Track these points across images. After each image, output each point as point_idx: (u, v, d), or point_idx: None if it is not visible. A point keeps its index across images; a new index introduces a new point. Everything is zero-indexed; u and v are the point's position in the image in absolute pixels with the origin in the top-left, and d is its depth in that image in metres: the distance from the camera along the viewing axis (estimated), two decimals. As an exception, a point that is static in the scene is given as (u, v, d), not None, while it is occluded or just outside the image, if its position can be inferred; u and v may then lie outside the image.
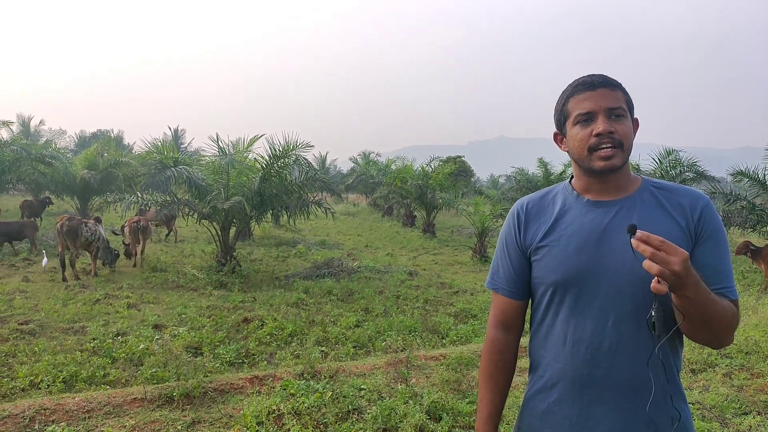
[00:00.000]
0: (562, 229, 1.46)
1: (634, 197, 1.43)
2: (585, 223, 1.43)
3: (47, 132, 41.90)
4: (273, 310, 7.77)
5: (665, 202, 1.41)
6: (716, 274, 1.36)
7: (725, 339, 1.37)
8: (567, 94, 1.45)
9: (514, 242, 1.55)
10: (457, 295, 9.72)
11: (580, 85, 1.42)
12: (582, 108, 1.40)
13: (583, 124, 1.41)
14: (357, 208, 31.96)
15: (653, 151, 14.09)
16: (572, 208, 1.48)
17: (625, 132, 1.38)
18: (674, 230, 1.37)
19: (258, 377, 4.50)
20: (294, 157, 11.40)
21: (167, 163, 11.13)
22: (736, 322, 1.36)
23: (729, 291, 1.36)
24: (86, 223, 10.13)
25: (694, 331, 1.34)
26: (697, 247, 1.38)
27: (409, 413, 3.59)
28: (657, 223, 1.38)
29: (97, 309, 7.54)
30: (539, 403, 1.50)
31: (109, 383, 4.85)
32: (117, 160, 18.36)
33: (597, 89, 1.39)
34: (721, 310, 1.29)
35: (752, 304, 7.64)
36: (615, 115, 1.38)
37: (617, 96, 1.39)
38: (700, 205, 1.39)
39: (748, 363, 4.92)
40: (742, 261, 14.51)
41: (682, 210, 1.39)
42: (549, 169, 18.02)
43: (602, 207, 1.44)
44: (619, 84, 1.42)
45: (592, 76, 1.42)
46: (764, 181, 12.10)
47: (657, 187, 1.45)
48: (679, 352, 1.44)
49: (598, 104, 1.38)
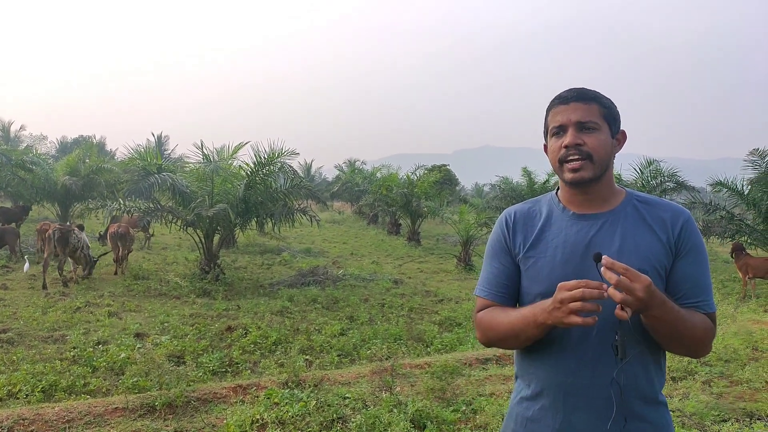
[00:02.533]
0: (548, 240, 1.49)
1: (618, 211, 1.46)
2: (570, 236, 1.46)
3: (28, 137, 41.32)
4: (257, 319, 7.71)
5: (647, 216, 1.44)
6: (695, 287, 1.40)
7: (700, 351, 1.42)
8: (548, 107, 1.51)
9: (504, 247, 1.56)
10: (442, 303, 9.74)
11: (556, 99, 1.48)
12: (555, 121, 1.45)
13: (556, 137, 1.46)
14: (342, 215, 31.89)
15: (635, 161, 14.31)
16: (558, 220, 1.50)
17: (594, 144, 1.41)
18: (655, 244, 1.40)
19: (241, 386, 4.46)
20: (279, 165, 11.38)
21: (150, 170, 11.02)
22: (711, 335, 1.40)
23: (706, 305, 1.40)
24: (75, 230, 10.13)
25: (668, 346, 1.40)
26: (677, 260, 1.41)
27: (393, 422, 3.59)
28: (639, 237, 1.41)
29: (78, 317, 7.42)
30: (524, 410, 1.51)
31: (90, 393, 4.77)
32: (99, 166, 18.12)
33: (569, 103, 1.44)
34: (691, 326, 1.33)
35: (731, 312, 7.78)
36: (585, 128, 1.41)
37: (591, 109, 1.42)
38: (681, 220, 1.43)
39: (727, 371, 5.00)
40: (722, 271, 14.77)
41: (663, 224, 1.43)
42: (533, 178, 18.20)
43: (587, 220, 1.46)
44: (597, 97, 1.45)
45: (570, 90, 1.47)
46: (743, 192, 12.35)
47: (640, 201, 1.48)
48: (662, 365, 1.46)
49: (568, 118, 1.42)
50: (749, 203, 12.21)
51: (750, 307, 9.00)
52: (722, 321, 7.16)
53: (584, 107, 1.42)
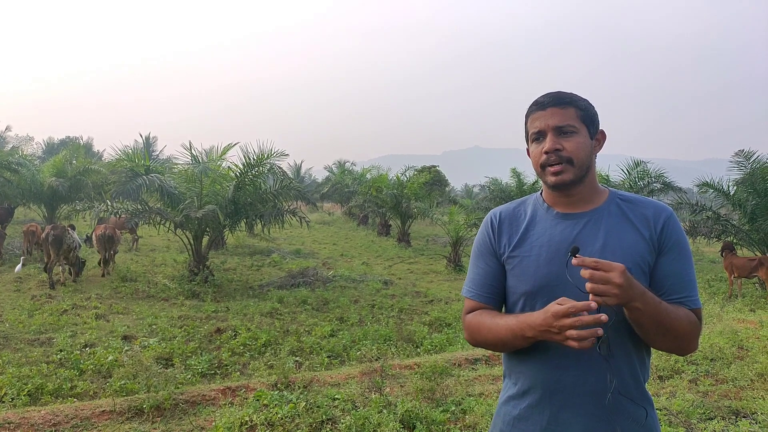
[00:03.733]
0: (533, 240, 1.50)
1: (601, 210, 1.48)
2: (555, 235, 1.47)
3: (14, 138, 40.85)
4: (246, 320, 7.68)
5: (630, 214, 1.46)
6: (679, 283, 1.41)
7: (687, 347, 1.42)
8: (527, 112, 1.53)
9: (490, 248, 1.58)
10: (431, 304, 9.76)
11: (533, 105, 1.50)
12: (534, 127, 1.48)
13: (536, 143, 1.49)
14: (332, 217, 31.85)
15: (622, 163, 14.42)
16: (542, 219, 1.52)
17: (573, 148, 1.43)
18: (639, 241, 1.42)
19: (230, 388, 4.45)
20: (269, 166, 11.35)
21: (138, 171, 10.95)
22: (697, 330, 1.41)
23: (691, 300, 1.41)
24: (68, 230, 10.07)
25: (653, 340, 1.40)
26: (660, 257, 1.43)
27: (383, 422, 3.59)
28: (623, 234, 1.43)
29: (65, 320, 7.35)
30: (512, 409, 1.52)
31: (77, 396, 4.73)
32: (86, 167, 17.95)
33: (546, 108, 1.46)
34: (675, 319, 1.34)
35: (717, 312, 7.85)
36: (563, 132, 1.44)
37: (568, 113, 1.44)
38: (663, 217, 1.45)
39: (713, 369, 5.05)
40: (708, 270, 14.93)
41: (646, 221, 1.45)
42: (522, 179, 18.27)
43: (571, 219, 1.48)
44: (573, 100, 1.47)
45: (546, 95, 1.49)
46: (728, 192, 12.48)
47: (623, 200, 1.50)
48: (646, 361, 1.48)
49: (546, 123, 1.45)
50: (735, 204, 12.34)
51: (736, 307, 9.10)
52: (708, 320, 7.23)
53: (561, 112, 1.44)
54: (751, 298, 10.42)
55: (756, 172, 11.66)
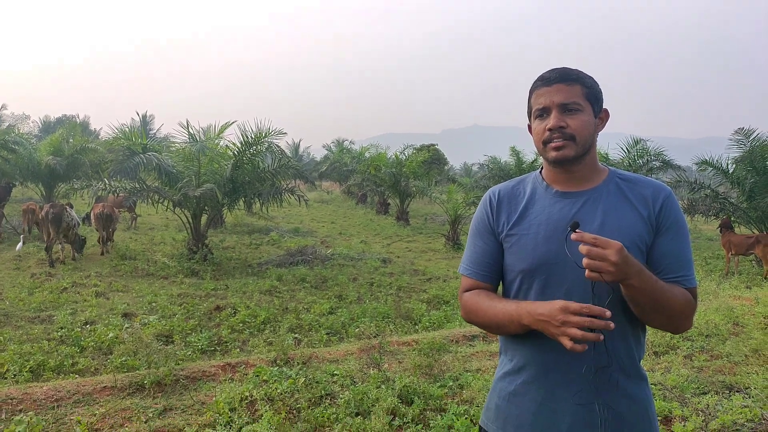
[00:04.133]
0: (531, 218, 1.50)
1: (600, 188, 1.48)
2: (553, 213, 1.47)
3: (10, 117, 40.56)
4: (246, 298, 7.73)
5: (629, 194, 1.46)
6: (676, 262, 1.42)
7: (681, 325, 1.43)
8: (531, 88, 1.50)
9: (488, 226, 1.58)
10: (430, 282, 9.82)
11: (538, 81, 1.48)
12: (539, 103, 1.46)
13: (540, 119, 1.47)
14: (331, 195, 31.82)
15: (622, 141, 14.38)
16: (541, 198, 1.52)
17: (577, 125, 1.42)
18: (637, 221, 1.42)
19: (230, 364, 4.49)
20: (267, 145, 11.31)
21: (136, 150, 10.90)
22: (692, 309, 1.42)
23: (687, 279, 1.42)
24: (66, 208, 10.09)
25: (648, 318, 1.40)
26: (658, 236, 1.43)
27: (381, 397, 3.63)
28: (621, 214, 1.43)
29: (65, 297, 7.39)
30: (507, 385, 1.54)
31: (78, 372, 4.78)
32: (83, 146, 17.87)
33: (552, 85, 1.44)
34: (671, 297, 1.35)
35: (713, 289, 7.90)
36: (568, 109, 1.42)
37: (574, 90, 1.42)
38: (661, 196, 1.45)
39: (708, 345, 5.10)
40: (706, 248, 14.99)
41: (644, 201, 1.45)
42: (521, 157, 18.22)
43: (570, 198, 1.48)
44: (580, 77, 1.44)
45: (552, 71, 1.46)
46: (727, 171, 12.48)
47: (622, 179, 1.50)
48: (641, 338, 1.49)
49: (551, 100, 1.43)
50: (734, 182, 12.35)
51: (732, 284, 9.16)
52: (705, 297, 7.29)
53: (567, 89, 1.42)
54: (747, 275, 10.50)
55: (755, 150, 11.64)
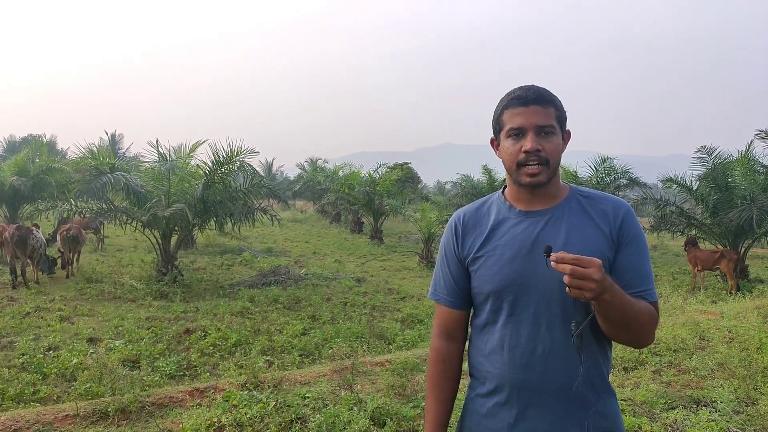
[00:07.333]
0: (496, 239, 1.51)
1: (562, 206, 1.49)
2: (518, 233, 1.48)
3: (-28, 136, 39.38)
4: (216, 320, 7.59)
5: (590, 210, 1.48)
6: (637, 277, 1.44)
7: (645, 339, 1.45)
8: (503, 104, 1.48)
9: (453, 253, 1.59)
10: (404, 300, 9.79)
11: (514, 99, 1.45)
12: (514, 123, 1.43)
13: (514, 139, 1.44)
14: (304, 214, 31.64)
15: (590, 159, 14.70)
16: (506, 218, 1.52)
17: (552, 149, 1.43)
18: (599, 237, 1.44)
19: (198, 389, 4.38)
20: (239, 164, 11.23)
21: (103, 169, 10.69)
22: (655, 323, 1.43)
23: (649, 293, 1.44)
24: (33, 230, 9.89)
25: (615, 333, 1.41)
26: (619, 251, 1.45)
27: (353, 420, 3.58)
28: (584, 230, 1.45)
29: (27, 322, 7.14)
30: (479, 407, 1.53)
31: (40, 400, 4.60)
32: (49, 165, 17.44)
33: (530, 106, 1.42)
34: (638, 311, 1.36)
35: (680, 304, 8.07)
36: (544, 132, 1.42)
37: (549, 113, 1.43)
38: (621, 212, 1.47)
39: (676, 360, 5.19)
40: (673, 263, 15.33)
41: (605, 217, 1.47)
42: (493, 175, 18.48)
43: (533, 217, 1.49)
44: (553, 100, 1.45)
45: (528, 90, 1.44)
46: (691, 187, 12.82)
47: (582, 195, 1.52)
48: (608, 354, 1.51)
49: (529, 121, 1.41)
50: (698, 198, 12.69)
51: (698, 299, 9.37)
52: (672, 312, 7.42)
53: (543, 111, 1.42)
54: (713, 290, 10.74)
55: (718, 167, 11.99)
